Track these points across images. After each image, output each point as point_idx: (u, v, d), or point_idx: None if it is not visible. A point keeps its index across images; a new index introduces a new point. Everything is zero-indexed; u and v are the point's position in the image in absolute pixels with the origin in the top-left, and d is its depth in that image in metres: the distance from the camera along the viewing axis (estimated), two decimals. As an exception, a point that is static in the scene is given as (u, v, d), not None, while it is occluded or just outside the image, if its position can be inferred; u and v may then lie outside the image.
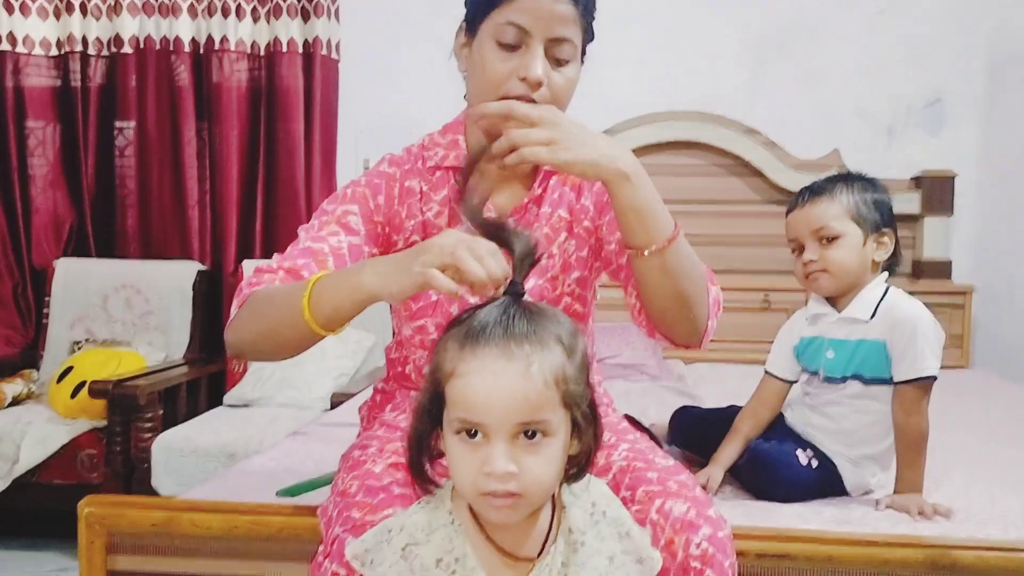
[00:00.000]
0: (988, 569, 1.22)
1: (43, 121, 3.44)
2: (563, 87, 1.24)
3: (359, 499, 1.11)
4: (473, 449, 0.86)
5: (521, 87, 1.21)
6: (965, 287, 3.22)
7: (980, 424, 2.24)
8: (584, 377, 0.90)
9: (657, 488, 1.14)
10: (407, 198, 1.34)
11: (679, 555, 1.06)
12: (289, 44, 3.37)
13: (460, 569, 0.90)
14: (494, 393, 0.84)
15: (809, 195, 1.61)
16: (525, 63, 1.20)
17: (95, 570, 1.34)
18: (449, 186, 1.34)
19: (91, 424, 2.79)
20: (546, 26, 1.20)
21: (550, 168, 1.34)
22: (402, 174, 1.35)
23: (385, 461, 1.20)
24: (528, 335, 0.86)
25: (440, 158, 1.35)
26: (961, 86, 3.37)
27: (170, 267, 3.34)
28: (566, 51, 1.22)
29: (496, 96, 1.22)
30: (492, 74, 1.22)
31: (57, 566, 2.70)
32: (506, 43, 1.20)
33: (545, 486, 0.88)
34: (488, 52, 1.22)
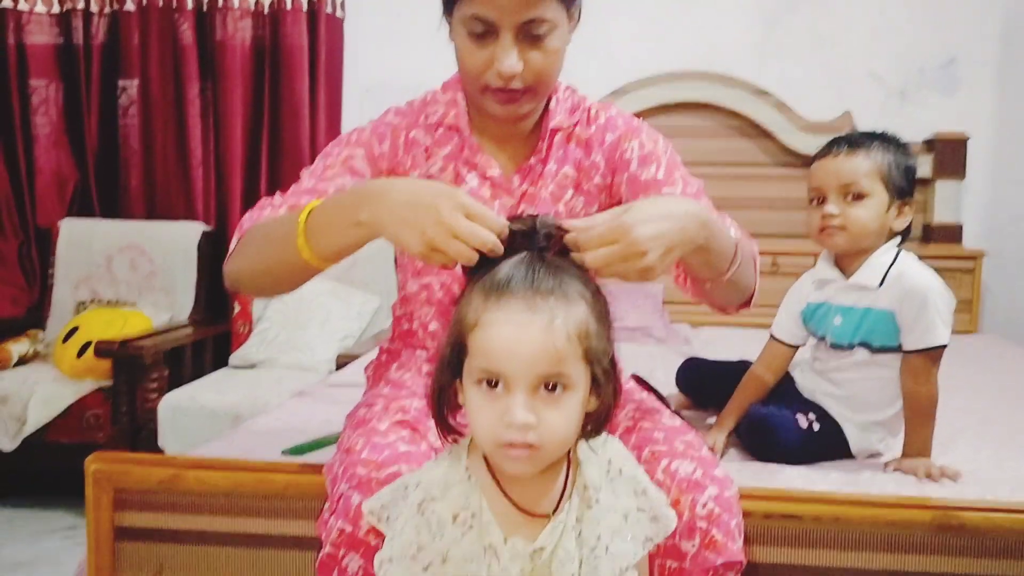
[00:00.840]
0: (995, 530, 1.22)
1: (45, 80, 3.41)
2: (544, 64, 1.21)
3: (364, 456, 1.11)
4: (494, 399, 0.87)
5: (496, 77, 1.20)
6: (976, 252, 3.20)
7: (988, 388, 2.23)
8: (606, 334, 0.91)
9: (663, 448, 1.14)
10: (412, 148, 1.34)
11: (685, 515, 1.07)
12: (294, 2, 3.32)
13: (476, 524, 0.90)
14: (517, 343, 0.85)
15: (846, 147, 1.54)
16: (498, 55, 1.18)
17: (102, 526, 1.34)
18: (453, 144, 1.33)
19: (97, 384, 2.80)
20: (512, 14, 1.16)
21: (555, 126, 1.34)
22: (407, 124, 1.34)
23: (391, 419, 1.20)
24: (553, 289, 0.87)
25: (441, 116, 1.34)
26: (975, 47, 3.31)
27: (174, 228, 3.33)
28: (542, 28, 1.18)
29: (475, 86, 1.23)
30: (468, 67, 1.22)
31: (65, 524, 2.72)
32: (476, 34, 1.19)
33: (562, 439, 0.88)
34: (460, 43, 1.22)
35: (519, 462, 0.87)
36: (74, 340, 2.85)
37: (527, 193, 1.34)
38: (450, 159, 1.34)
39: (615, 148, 1.34)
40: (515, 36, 1.17)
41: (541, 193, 1.34)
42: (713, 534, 1.06)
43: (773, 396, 1.66)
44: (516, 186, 1.34)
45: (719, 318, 3.12)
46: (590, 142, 1.36)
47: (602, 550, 0.91)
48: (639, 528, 0.94)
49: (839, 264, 1.60)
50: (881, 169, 1.52)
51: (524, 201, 1.33)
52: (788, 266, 3.10)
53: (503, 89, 1.21)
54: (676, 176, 1.33)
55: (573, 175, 1.35)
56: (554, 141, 1.35)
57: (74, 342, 2.84)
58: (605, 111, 1.37)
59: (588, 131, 1.36)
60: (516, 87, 1.21)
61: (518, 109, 1.25)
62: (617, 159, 1.34)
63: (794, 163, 3.25)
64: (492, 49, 1.19)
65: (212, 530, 1.33)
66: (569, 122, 1.35)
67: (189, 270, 3.27)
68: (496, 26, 1.17)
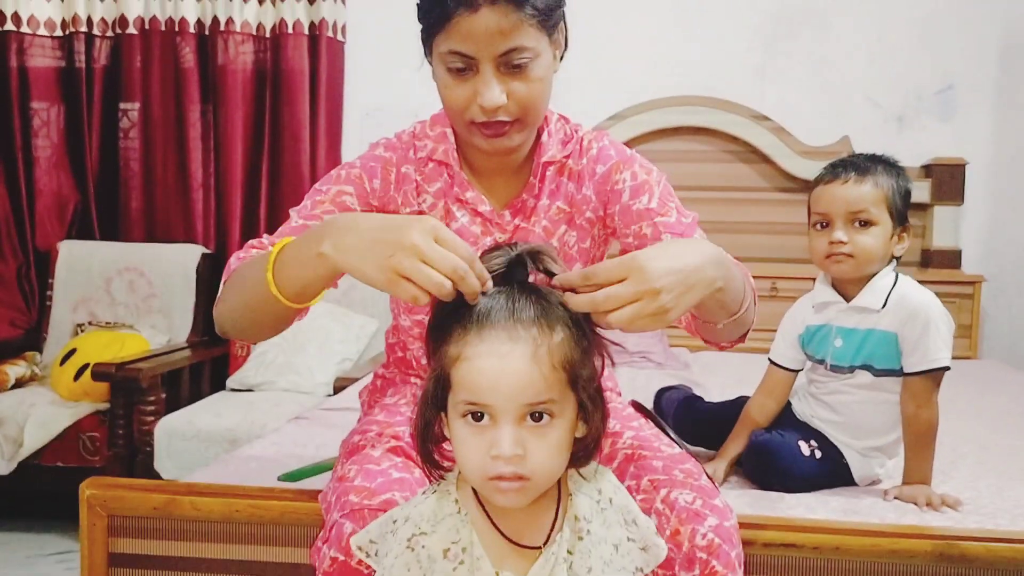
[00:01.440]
0: (996, 560, 1.21)
1: (47, 102, 3.42)
2: (528, 94, 1.17)
3: (357, 483, 1.10)
4: (479, 432, 0.86)
5: (479, 112, 1.17)
6: (975, 277, 3.20)
7: (989, 415, 2.23)
8: (590, 360, 0.90)
9: (663, 477, 1.13)
10: (403, 184, 1.30)
11: (685, 545, 1.05)
12: (295, 26, 3.35)
13: (467, 559, 0.89)
14: (501, 375, 0.84)
15: (854, 173, 1.52)
16: (480, 91, 1.15)
17: (96, 552, 1.33)
18: (443, 180, 1.30)
19: (94, 407, 2.79)
20: (489, 46, 1.12)
21: (548, 160, 1.30)
22: (398, 159, 1.31)
23: (384, 445, 1.19)
24: (535, 318, 0.86)
25: (430, 151, 1.30)
26: (973, 73, 3.33)
27: (174, 250, 3.33)
28: (522, 57, 1.14)
29: (461, 122, 1.19)
30: (451, 103, 1.19)
31: (60, 548, 2.70)
32: (456, 69, 1.15)
33: (552, 469, 0.87)
34: (441, 79, 1.19)
35: (509, 495, 0.86)
36: (71, 362, 2.84)
37: (519, 228, 1.31)
38: (440, 195, 1.31)
39: (606, 180, 1.30)
40: (496, 68, 1.14)
41: (534, 228, 1.31)
42: (713, 565, 1.04)
43: (774, 424, 1.65)
44: (507, 221, 1.31)
45: (718, 343, 3.16)
46: (582, 175, 1.32)
47: None
48: (630, 559, 0.94)
49: (838, 288, 1.59)
50: (888, 196, 1.52)
51: (516, 237, 1.30)
52: (787, 290, 3.10)
53: (489, 123, 1.18)
54: (670, 206, 1.28)
55: (566, 209, 1.32)
56: (546, 175, 1.31)
57: (71, 364, 2.83)
58: (598, 141, 1.33)
59: (580, 163, 1.32)
60: (503, 119, 1.17)
61: (507, 142, 1.21)
62: (609, 190, 1.30)
63: (793, 187, 3.25)
64: (474, 83, 1.15)
65: (207, 557, 1.32)
66: (561, 154, 1.31)
67: (188, 293, 3.26)
68: (475, 60, 1.14)
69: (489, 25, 1.11)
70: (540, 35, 1.15)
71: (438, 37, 1.15)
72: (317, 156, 3.39)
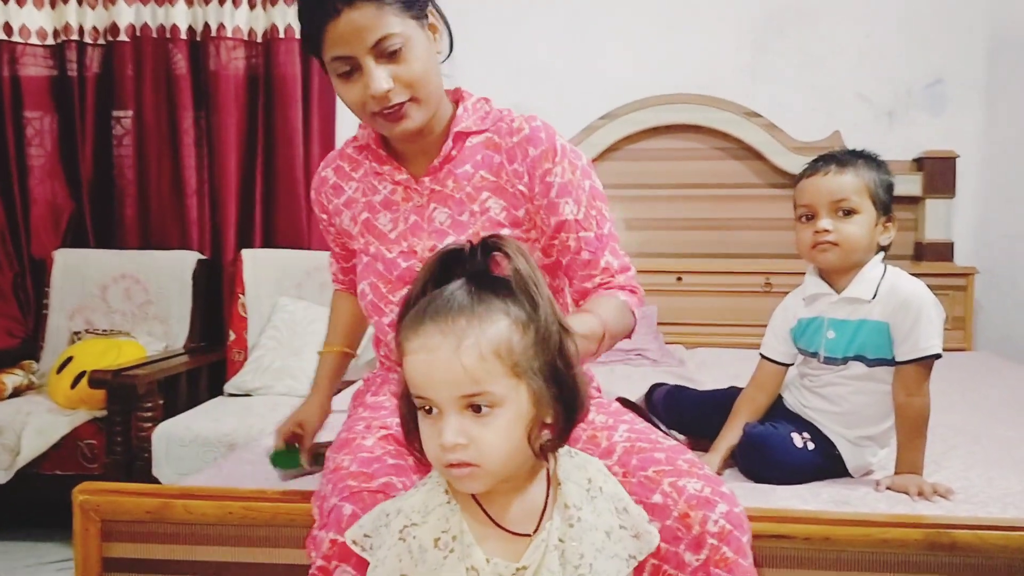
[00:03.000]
0: (986, 548, 1.21)
1: (40, 111, 3.43)
2: (410, 74, 1.26)
3: (354, 469, 1.12)
4: (432, 423, 0.89)
5: (373, 103, 1.26)
6: (967, 269, 3.21)
7: (981, 406, 2.23)
8: (543, 348, 0.90)
9: (668, 467, 1.15)
10: (334, 192, 1.48)
11: (695, 529, 1.06)
12: (287, 31, 3.35)
13: (458, 547, 0.91)
14: (430, 369, 0.87)
15: (834, 165, 1.56)
16: (367, 83, 1.25)
17: (90, 558, 1.34)
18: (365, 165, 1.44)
19: (91, 414, 2.78)
20: (360, 42, 1.22)
21: (462, 130, 1.38)
22: (323, 171, 1.50)
23: (375, 435, 1.21)
24: (466, 309, 0.88)
25: (363, 139, 1.44)
26: (962, 67, 3.34)
27: (169, 257, 3.33)
28: (394, 43, 1.24)
29: (362, 115, 1.30)
30: (351, 103, 1.29)
31: (59, 556, 2.70)
32: (343, 73, 1.26)
33: (503, 455, 0.88)
34: (336, 86, 1.29)
35: (465, 481, 0.89)
36: (68, 370, 2.84)
37: (435, 192, 1.38)
38: (363, 177, 1.45)
39: (538, 164, 1.35)
40: (375, 59, 1.24)
41: (454, 194, 1.38)
42: (724, 552, 1.06)
43: (767, 416, 1.66)
44: (425, 187, 1.39)
45: (713, 339, 3.18)
46: (512, 151, 1.37)
47: (586, 568, 0.91)
48: (622, 546, 0.95)
49: (828, 280, 1.61)
50: (868, 186, 1.54)
51: (433, 200, 1.38)
52: (780, 286, 3.11)
53: (385, 109, 1.27)
54: (591, 215, 1.38)
55: (491, 179, 1.37)
56: (465, 144, 1.38)
57: (68, 372, 2.83)
58: (528, 123, 1.38)
59: (509, 141, 1.37)
60: (397, 101, 1.26)
61: (408, 123, 1.30)
62: (540, 177, 1.35)
63: (785, 183, 3.26)
64: (362, 80, 1.25)
65: (201, 560, 1.32)
66: (479, 127, 1.38)
67: (184, 299, 3.27)
68: (354, 58, 1.24)
69: (354, 24, 1.21)
70: (406, 20, 1.25)
71: (321, 51, 1.26)
72: (311, 160, 3.39)
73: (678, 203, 3.29)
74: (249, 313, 3.24)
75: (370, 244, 1.41)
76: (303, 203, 3.36)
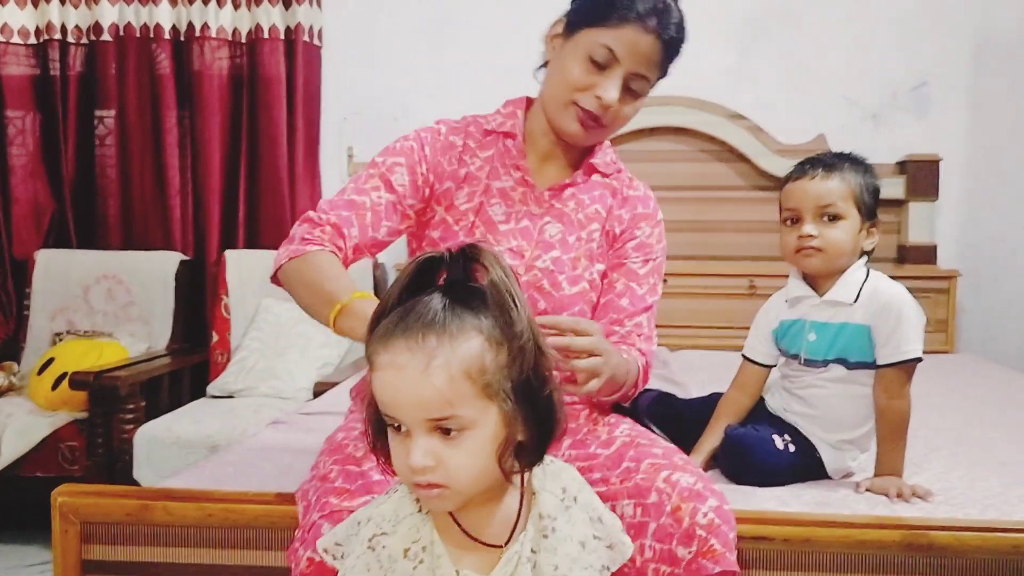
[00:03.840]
0: (964, 549, 1.22)
1: (22, 110, 3.40)
2: (624, 116, 1.39)
3: (338, 484, 1.11)
4: (401, 441, 0.85)
5: (593, 103, 1.34)
6: (950, 272, 3.22)
7: (962, 408, 2.25)
8: (518, 365, 0.85)
9: (663, 461, 1.20)
10: (448, 151, 1.44)
11: (685, 521, 1.10)
12: (271, 31, 3.34)
13: (427, 558, 0.89)
14: (397, 390, 0.83)
15: (821, 169, 1.55)
16: (604, 85, 1.33)
17: (69, 560, 1.32)
18: (497, 148, 1.45)
19: (72, 416, 2.76)
20: (634, 61, 1.33)
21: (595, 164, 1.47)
22: (448, 131, 1.47)
23: (365, 447, 1.19)
24: (437, 325, 0.82)
25: (496, 124, 1.47)
26: (947, 70, 3.36)
27: (152, 257, 3.31)
28: (641, 86, 1.36)
29: (568, 98, 1.35)
30: (573, 81, 1.34)
31: (40, 559, 2.68)
32: (595, 60, 1.32)
33: (472, 477, 0.85)
34: (576, 61, 1.34)
35: (433, 501, 0.86)
36: (49, 372, 2.82)
37: (554, 208, 1.44)
38: (490, 160, 1.45)
39: (637, 220, 1.48)
40: (625, 79, 1.33)
41: (572, 215, 1.44)
42: (712, 543, 1.09)
43: (748, 418, 1.66)
44: (545, 199, 1.44)
45: (698, 341, 3.18)
46: (624, 201, 1.49)
47: None
48: (596, 556, 0.94)
49: (810, 282, 1.61)
50: (855, 191, 1.54)
51: (550, 214, 1.44)
52: (764, 288, 3.11)
53: (589, 112, 1.35)
54: (650, 281, 1.47)
55: (603, 215, 1.46)
56: (591, 178, 1.48)
57: (49, 374, 2.81)
58: (644, 187, 1.54)
59: (626, 191, 1.49)
60: (600, 117, 1.35)
61: (587, 136, 1.39)
62: (630, 227, 1.47)
63: (769, 186, 3.27)
64: (599, 79, 1.33)
65: (181, 562, 1.32)
66: (605, 168, 1.49)
67: (167, 300, 3.25)
68: (616, 64, 1.32)
69: (646, 46, 1.33)
70: (656, 77, 1.39)
71: (598, 29, 1.32)
72: (295, 161, 3.38)
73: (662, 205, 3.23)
74: (232, 314, 3.23)
75: (476, 228, 1.41)
76: (287, 203, 3.35)
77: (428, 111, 1.41)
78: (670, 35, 1.35)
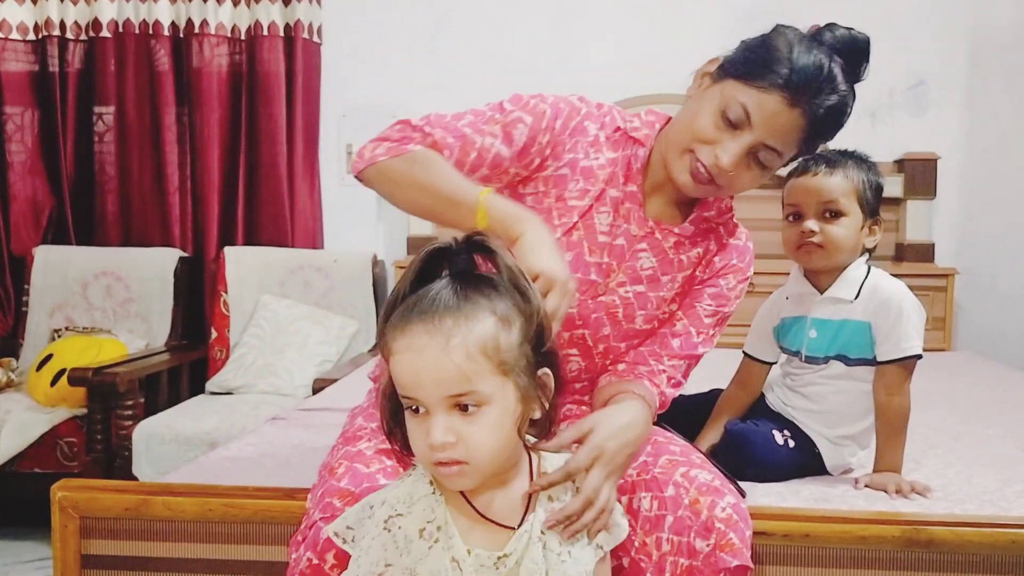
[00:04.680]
0: (963, 544, 1.23)
1: (21, 107, 3.40)
2: (742, 185, 1.25)
3: (343, 485, 1.10)
4: (420, 422, 0.89)
5: (710, 159, 1.21)
6: (948, 270, 3.23)
7: (961, 405, 2.25)
8: (530, 347, 0.91)
9: (681, 459, 1.20)
10: (578, 135, 1.30)
11: (703, 514, 1.10)
12: (270, 28, 3.33)
13: (442, 537, 0.91)
14: (417, 370, 0.87)
15: (824, 165, 1.56)
16: (727, 145, 1.20)
17: (69, 555, 1.33)
18: (620, 152, 1.32)
19: (71, 412, 2.76)
20: (767, 131, 1.19)
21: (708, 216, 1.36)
22: (586, 112, 1.32)
23: (378, 444, 1.18)
24: (452, 308, 0.87)
25: (632, 128, 1.33)
26: (944, 68, 3.36)
27: (151, 254, 3.30)
28: (770, 159, 1.22)
29: (687, 145, 1.23)
30: (699, 130, 1.22)
31: (38, 555, 2.68)
32: (728, 117, 1.20)
33: (492, 452, 0.89)
34: (710, 108, 1.22)
35: (453, 479, 0.89)
36: (48, 368, 2.81)
37: (653, 237, 1.33)
38: (613, 163, 1.31)
39: (726, 271, 1.38)
40: (752, 146, 1.20)
41: (669, 254, 1.34)
42: (731, 537, 1.09)
43: (748, 414, 1.66)
44: (649, 225, 1.33)
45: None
46: (726, 248, 1.38)
47: (566, 555, 0.94)
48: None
49: (811, 279, 1.61)
50: (857, 188, 1.54)
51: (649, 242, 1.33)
52: (764, 286, 3.08)
53: (704, 166, 1.22)
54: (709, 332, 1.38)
55: (695, 263, 1.36)
56: (700, 226, 1.36)
57: (48, 370, 2.81)
58: (749, 239, 1.42)
59: (727, 239, 1.39)
60: (714, 178, 1.22)
61: (695, 189, 1.26)
62: (718, 273, 1.37)
63: (770, 184, 3.22)
64: (725, 137, 1.20)
65: (180, 557, 1.32)
66: (716, 219, 1.37)
67: (166, 296, 3.24)
68: (748, 127, 1.19)
69: (784, 121, 1.19)
70: (791, 152, 1.25)
71: (744, 85, 1.20)
72: (294, 158, 3.38)
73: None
74: (231, 311, 3.23)
75: (576, 230, 1.29)
76: (286, 200, 3.35)
77: (427, 108, 1.36)
78: (819, 115, 1.19)
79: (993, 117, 3.36)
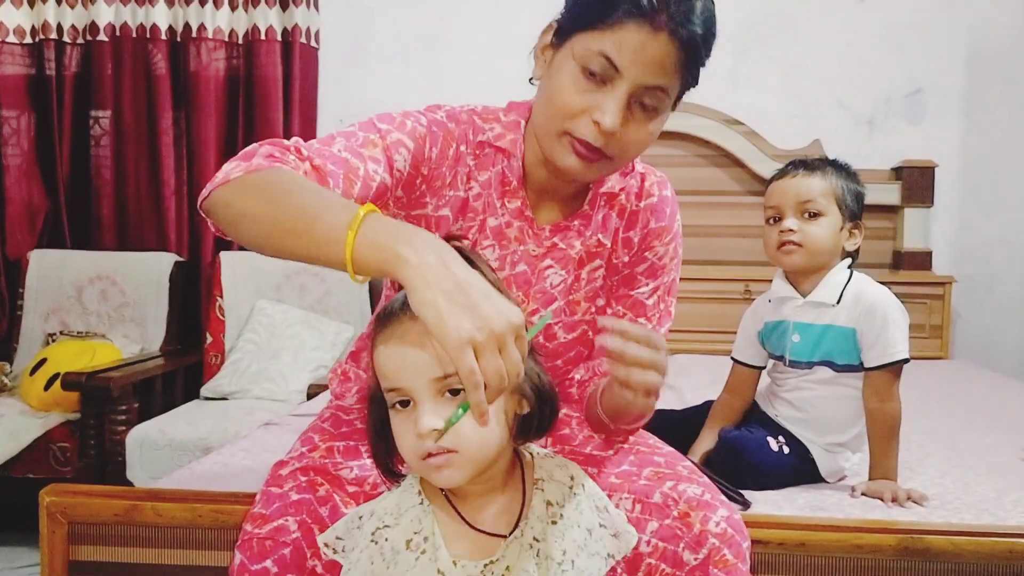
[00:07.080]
0: (959, 553, 1.22)
1: (17, 110, 3.39)
2: (637, 142, 1.07)
3: (256, 510, 1.07)
4: (407, 417, 0.87)
5: (590, 131, 1.04)
6: (945, 278, 3.23)
7: (957, 413, 2.24)
8: None
9: (667, 471, 1.14)
10: (457, 165, 1.16)
11: (695, 527, 1.05)
12: (268, 32, 3.33)
13: (429, 548, 0.90)
14: (403, 355, 0.86)
15: (803, 169, 1.59)
16: (603, 105, 1.03)
17: (56, 561, 1.31)
18: (494, 171, 1.18)
19: (64, 417, 2.75)
20: (641, 71, 1.02)
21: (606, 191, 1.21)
22: (459, 135, 1.16)
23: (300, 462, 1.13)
24: None
25: (495, 136, 1.17)
26: (941, 77, 3.37)
27: (146, 258, 3.29)
28: (657, 100, 1.05)
29: (559, 127, 1.06)
30: (564, 105, 1.05)
31: (30, 561, 2.66)
32: (591, 71, 1.03)
33: (481, 441, 0.86)
34: (567, 76, 1.05)
35: (444, 471, 0.87)
36: (42, 372, 2.80)
37: (556, 248, 1.21)
38: (487, 185, 1.17)
39: (648, 240, 1.23)
40: (629, 95, 1.03)
41: (569, 252, 1.21)
42: (724, 553, 1.04)
43: (743, 421, 1.66)
44: (546, 236, 1.20)
45: (693, 345, 3.17)
46: (634, 218, 1.22)
47: (568, 565, 0.91)
48: (602, 544, 0.95)
49: (793, 283, 1.63)
50: (835, 190, 1.58)
51: (552, 256, 1.20)
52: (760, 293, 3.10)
53: (586, 143, 1.05)
54: (659, 309, 1.25)
55: (608, 245, 1.22)
56: (598, 204, 1.21)
57: (42, 374, 2.80)
58: (660, 189, 1.24)
59: (636, 204, 1.22)
60: (599, 148, 1.05)
61: (588, 171, 1.09)
62: (640, 249, 1.23)
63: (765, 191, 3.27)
64: (599, 97, 1.03)
65: (170, 564, 1.31)
66: (618, 186, 1.21)
67: (161, 301, 3.23)
68: (617, 75, 1.02)
69: (656, 50, 1.01)
70: (677, 87, 1.07)
71: (590, 33, 1.03)
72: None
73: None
74: (227, 316, 3.22)
75: None
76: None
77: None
78: (689, 32, 1.02)
79: (991, 125, 3.37)
